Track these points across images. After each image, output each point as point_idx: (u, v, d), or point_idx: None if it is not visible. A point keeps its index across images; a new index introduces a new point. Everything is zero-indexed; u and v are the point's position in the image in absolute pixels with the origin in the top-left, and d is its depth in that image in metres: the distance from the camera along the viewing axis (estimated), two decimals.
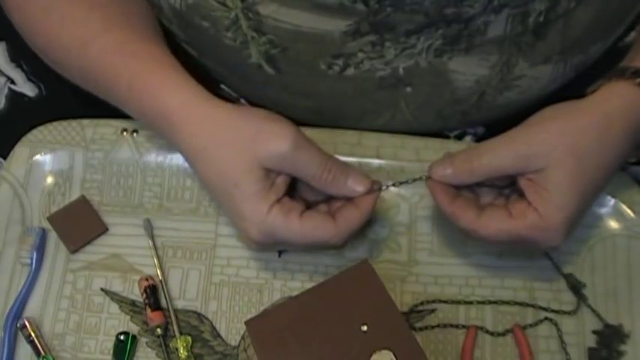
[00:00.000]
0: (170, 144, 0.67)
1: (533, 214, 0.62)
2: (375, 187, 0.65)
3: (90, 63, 0.67)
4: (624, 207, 0.72)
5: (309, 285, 0.68)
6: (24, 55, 0.81)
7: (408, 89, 0.70)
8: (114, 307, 0.69)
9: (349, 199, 0.65)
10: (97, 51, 0.67)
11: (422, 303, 0.70)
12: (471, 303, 0.70)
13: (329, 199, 0.67)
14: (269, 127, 0.63)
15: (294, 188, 0.66)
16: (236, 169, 0.62)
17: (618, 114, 0.63)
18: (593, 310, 0.69)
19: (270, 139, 0.62)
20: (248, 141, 0.62)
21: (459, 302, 0.70)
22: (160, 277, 0.70)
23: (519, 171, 0.63)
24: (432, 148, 0.73)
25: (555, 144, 0.62)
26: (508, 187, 0.67)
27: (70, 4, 0.68)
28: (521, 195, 0.64)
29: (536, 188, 0.63)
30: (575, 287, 0.70)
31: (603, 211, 0.73)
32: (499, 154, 0.64)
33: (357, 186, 0.65)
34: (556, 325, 0.69)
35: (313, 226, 0.63)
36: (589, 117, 0.63)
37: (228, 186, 0.63)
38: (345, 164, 0.65)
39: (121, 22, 0.68)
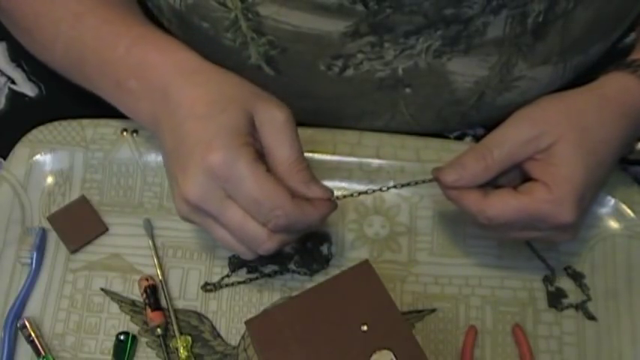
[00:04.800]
0: (158, 100, 0.63)
1: (541, 188, 0.62)
2: (331, 199, 0.63)
3: (83, 33, 0.66)
4: (624, 207, 0.72)
5: (309, 285, 0.68)
6: (24, 55, 0.81)
7: (408, 90, 0.70)
8: (114, 307, 0.69)
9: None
10: (95, 20, 0.66)
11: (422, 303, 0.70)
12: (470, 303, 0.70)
13: None
14: (269, 96, 0.63)
15: None
16: (231, 103, 0.60)
17: (613, 95, 0.65)
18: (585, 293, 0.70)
19: (270, 102, 0.62)
20: (249, 93, 0.62)
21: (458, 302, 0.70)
22: (160, 277, 0.70)
23: (530, 154, 0.63)
24: (432, 148, 0.73)
25: (559, 120, 0.63)
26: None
27: None
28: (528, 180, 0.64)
29: (543, 165, 0.62)
30: (575, 277, 0.71)
31: (603, 211, 0.73)
32: (509, 144, 0.63)
33: (318, 190, 0.63)
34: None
35: (275, 185, 0.60)
36: (586, 97, 0.65)
37: (214, 111, 0.60)
38: None
39: (113, 1, 0.68)
